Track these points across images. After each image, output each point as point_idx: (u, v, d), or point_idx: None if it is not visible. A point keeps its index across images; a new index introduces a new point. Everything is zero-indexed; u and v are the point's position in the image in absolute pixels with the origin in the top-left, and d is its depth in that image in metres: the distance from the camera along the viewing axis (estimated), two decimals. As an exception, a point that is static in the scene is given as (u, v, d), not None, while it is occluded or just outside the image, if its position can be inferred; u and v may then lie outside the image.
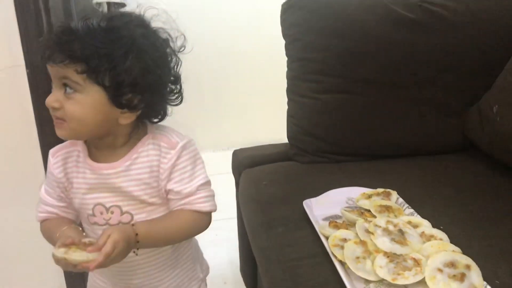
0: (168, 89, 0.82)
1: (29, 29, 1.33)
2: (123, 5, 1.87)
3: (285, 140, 1.40)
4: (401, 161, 1.28)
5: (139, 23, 0.77)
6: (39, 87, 1.36)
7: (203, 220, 0.85)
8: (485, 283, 0.72)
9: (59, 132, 0.76)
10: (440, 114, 1.31)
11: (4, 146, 1.41)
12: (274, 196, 1.14)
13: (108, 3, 1.82)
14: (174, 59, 0.81)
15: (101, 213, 0.83)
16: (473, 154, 1.28)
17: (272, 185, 1.20)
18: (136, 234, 0.75)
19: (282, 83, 1.40)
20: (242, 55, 2.79)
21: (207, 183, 0.85)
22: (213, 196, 0.86)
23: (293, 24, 1.32)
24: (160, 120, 0.85)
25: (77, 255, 0.71)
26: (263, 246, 1.01)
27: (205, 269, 1.03)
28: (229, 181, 1.47)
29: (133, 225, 0.77)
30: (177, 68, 0.82)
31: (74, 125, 0.74)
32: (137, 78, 0.74)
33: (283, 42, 1.37)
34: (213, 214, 0.95)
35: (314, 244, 0.90)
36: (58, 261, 0.71)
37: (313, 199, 1.04)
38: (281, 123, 1.43)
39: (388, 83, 1.28)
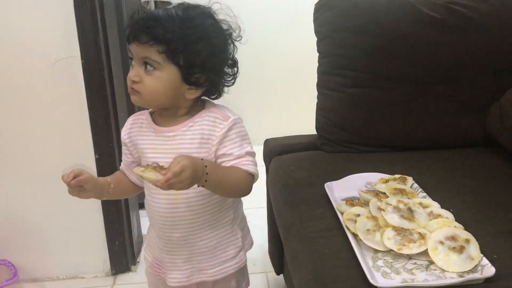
0: (226, 71, 0.98)
1: (85, 24, 1.49)
2: (169, 3, 2.00)
3: (314, 132, 1.49)
4: (422, 153, 1.34)
5: (209, 14, 0.93)
6: (92, 76, 1.52)
7: (249, 183, 0.95)
8: (481, 255, 0.79)
9: (134, 99, 0.91)
10: (463, 109, 1.37)
11: (58, 127, 1.57)
12: (299, 179, 1.24)
13: (155, 1, 1.96)
14: (232, 46, 0.97)
15: None
16: (492, 149, 1.33)
17: (298, 170, 1.29)
18: (205, 166, 0.86)
19: (312, 79, 1.49)
20: (275, 53, 2.93)
21: (254, 153, 0.97)
22: (257, 165, 0.97)
23: (324, 22, 1.41)
24: (217, 97, 1.00)
25: (151, 174, 0.83)
26: (286, 222, 1.11)
27: (248, 243, 1.12)
28: (260, 173, 1.56)
29: (202, 159, 0.87)
30: (234, 54, 0.98)
31: (149, 96, 0.90)
32: (205, 60, 0.89)
33: (314, 39, 1.46)
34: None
35: (332, 220, 1.00)
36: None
37: (334, 182, 1.13)
38: (310, 116, 1.51)
39: (412, 79, 1.35)
